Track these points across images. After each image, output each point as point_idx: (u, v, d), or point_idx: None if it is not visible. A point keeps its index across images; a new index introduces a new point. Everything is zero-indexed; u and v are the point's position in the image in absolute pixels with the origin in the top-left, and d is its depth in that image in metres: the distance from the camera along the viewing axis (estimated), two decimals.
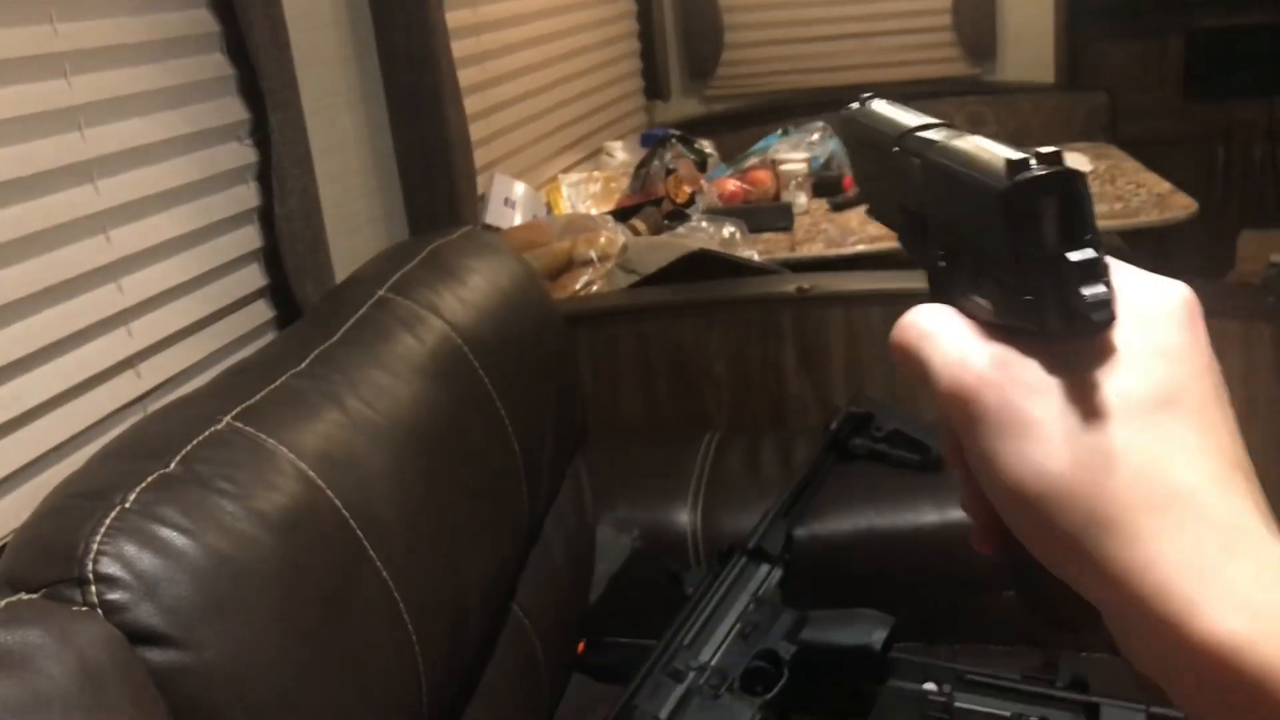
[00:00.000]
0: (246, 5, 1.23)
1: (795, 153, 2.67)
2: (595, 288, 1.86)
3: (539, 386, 1.38)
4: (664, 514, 1.50)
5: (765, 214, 2.43)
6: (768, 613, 1.28)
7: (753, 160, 2.70)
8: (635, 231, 2.14)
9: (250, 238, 1.34)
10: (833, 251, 2.24)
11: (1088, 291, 0.33)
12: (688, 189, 2.42)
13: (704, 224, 2.12)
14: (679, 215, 2.31)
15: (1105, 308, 0.33)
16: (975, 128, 2.40)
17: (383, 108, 1.63)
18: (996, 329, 0.36)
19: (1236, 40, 3.31)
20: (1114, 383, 0.33)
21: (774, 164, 2.61)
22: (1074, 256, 0.33)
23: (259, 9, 1.24)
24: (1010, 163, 0.34)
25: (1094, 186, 2.47)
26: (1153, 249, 3.00)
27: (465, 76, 1.77)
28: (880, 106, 0.47)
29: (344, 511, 0.93)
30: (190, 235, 1.23)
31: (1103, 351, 0.34)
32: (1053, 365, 0.34)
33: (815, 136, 2.79)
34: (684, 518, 1.48)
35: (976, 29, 3.26)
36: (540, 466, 1.33)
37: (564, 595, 1.41)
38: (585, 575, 1.48)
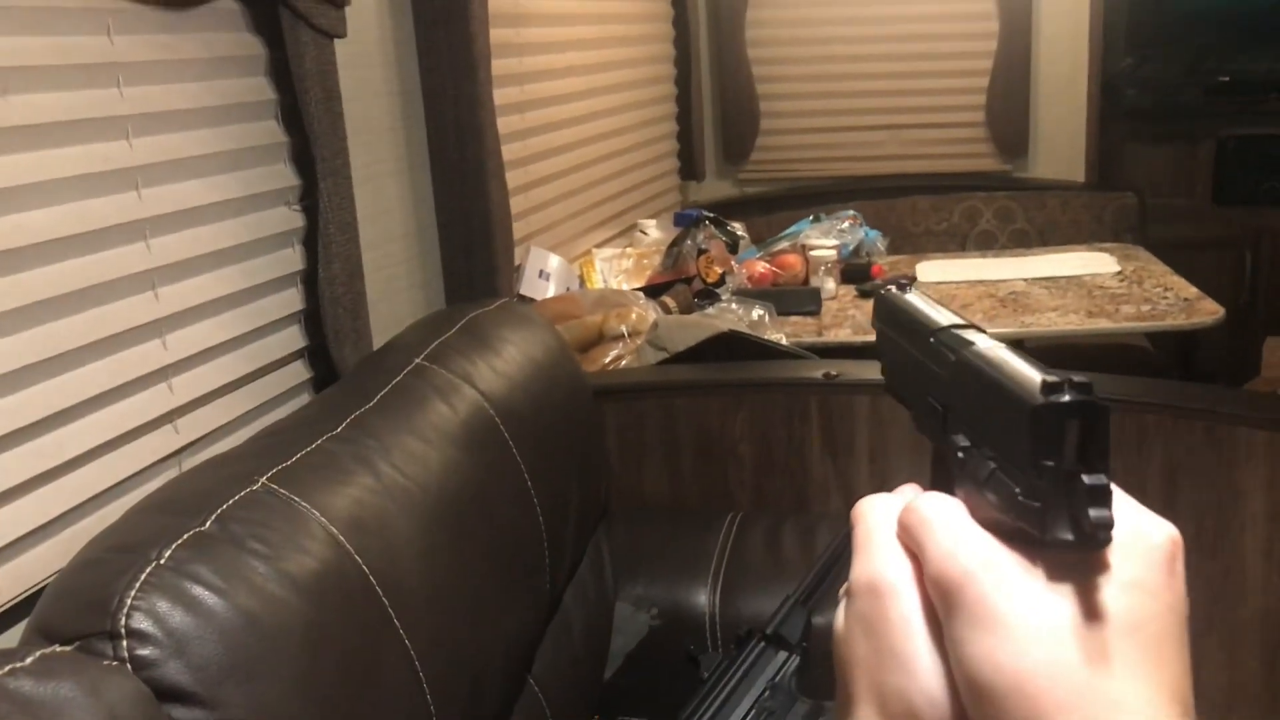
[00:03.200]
0: (303, 75, 1.27)
1: (826, 239, 2.70)
2: (624, 362, 1.88)
3: (566, 458, 1.39)
4: (683, 593, 1.50)
5: (794, 297, 2.45)
6: (783, 701, 1.27)
7: (783, 244, 2.73)
8: (666, 309, 2.16)
9: (293, 300, 1.36)
10: (860, 338, 2.26)
11: (1094, 513, 0.35)
12: (718, 269, 2.45)
13: (734, 305, 2.15)
14: (709, 295, 2.34)
15: (1107, 530, 0.36)
16: (1004, 223, 2.43)
17: (428, 178, 1.67)
18: (990, 525, 0.39)
19: (1267, 147, 3.35)
20: (1087, 601, 0.36)
21: (804, 249, 2.64)
22: (1088, 479, 0.36)
23: (315, 79, 1.28)
24: (1046, 383, 0.37)
25: (1120, 288, 2.48)
26: (1177, 352, 3.00)
27: (508, 151, 1.81)
28: (916, 298, 0.50)
29: (370, 577, 0.94)
30: (235, 295, 1.26)
31: (1086, 570, 0.37)
32: (1035, 572, 0.37)
33: (845, 224, 2.82)
34: (703, 598, 1.48)
35: (1009, 125, 3.31)
36: (563, 538, 1.34)
37: (580, 670, 1.40)
38: (602, 651, 1.47)
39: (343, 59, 1.35)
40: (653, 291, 2.28)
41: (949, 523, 0.40)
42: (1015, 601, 0.36)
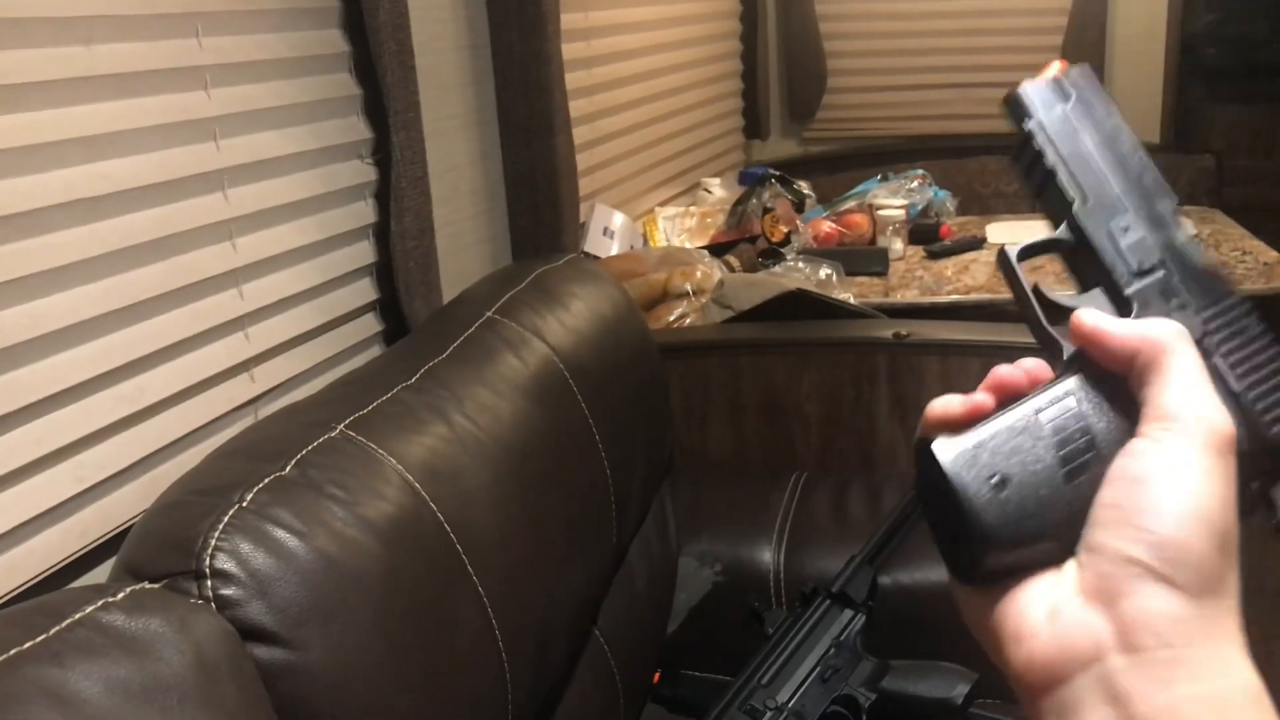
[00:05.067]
0: (377, 28, 1.27)
1: (893, 198, 2.67)
2: (689, 320, 1.87)
3: (632, 414, 1.40)
4: (747, 550, 1.50)
5: (860, 257, 2.42)
6: (848, 658, 1.27)
7: (850, 204, 2.70)
8: (730, 268, 2.15)
9: (365, 253, 1.38)
10: (927, 299, 2.23)
11: None
12: (784, 228, 2.43)
13: (800, 264, 2.13)
14: (773, 254, 2.32)
15: None
16: None
17: (496, 133, 1.67)
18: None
19: None
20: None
21: (871, 208, 2.61)
22: None
23: (389, 32, 1.28)
24: None
25: None
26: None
27: (575, 108, 1.81)
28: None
29: (445, 524, 0.96)
30: (309, 247, 1.27)
31: None
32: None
33: (914, 184, 2.78)
34: (767, 556, 1.48)
35: None
36: (629, 493, 1.35)
37: (644, 624, 1.41)
38: (665, 605, 1.48)
39: (415, 12, 1.35)
40: (717, 250, 2.27)
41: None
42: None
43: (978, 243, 2.54)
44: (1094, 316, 0.43)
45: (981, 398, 0.43)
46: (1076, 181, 0.48)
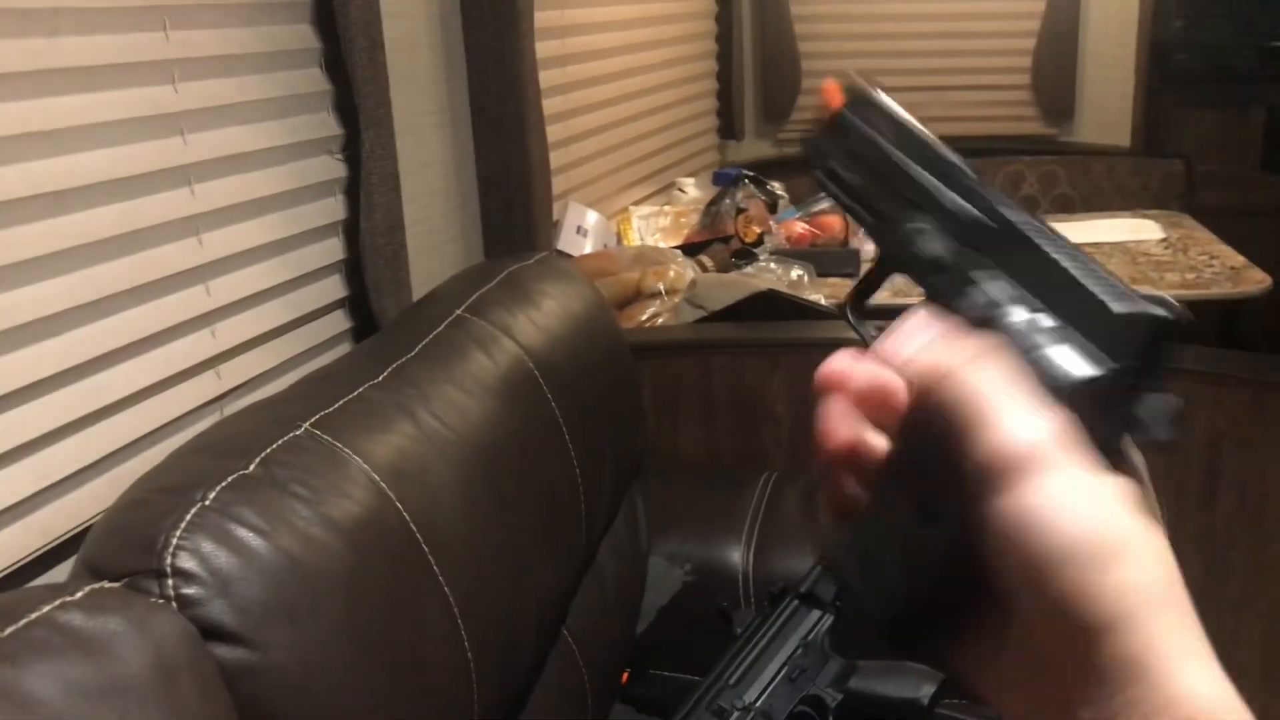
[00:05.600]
0: (348, 23, 1.26)
1: None
2: (661, 320, 1.87)
3: (603, 413, 1.39)
4: (717, 550, 1.50)
5: (832, 259, 2.43)
6: (816, 658, 1.27)
7: (822, 205, 2.70)
8: (703, 268, 2.15)
9: (334, 249, 1.37)
10: (898, 300, 2.23)
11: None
12: (757, 229, 2.43)
13: (773, 265, 2.13)
14: (747, 255, 2.32)
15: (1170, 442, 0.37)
16: (1048, 188, 2.40)
17: (468, 131, 1.66)
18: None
19: None
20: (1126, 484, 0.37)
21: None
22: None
23: (360, 28, 1.28)
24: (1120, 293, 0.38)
25: (1165, 255, 2.45)
26: (1220, 322, 2.96)
27: (549, 105, 1.80)
28: (903, 111, 0.49)
29: (411, 524, 0.95)
30: (277, 244, 1.26)
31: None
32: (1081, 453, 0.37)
33: None
34: (736, 556, 1.49)
35: (1055, 89, 3.25)
36: (599, 493, 1.34)
37: (613, 623, 1.41)
38: (635, 605, 1.48)
39: (387, 8, 1.35)
40: (690, 250, 2.27)
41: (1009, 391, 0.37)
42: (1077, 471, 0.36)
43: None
44: (840, 362, 0.41)
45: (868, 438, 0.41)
46: (865, 206, 0.48)
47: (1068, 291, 0.39)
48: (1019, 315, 0.40)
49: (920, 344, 0.40)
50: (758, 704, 1.22)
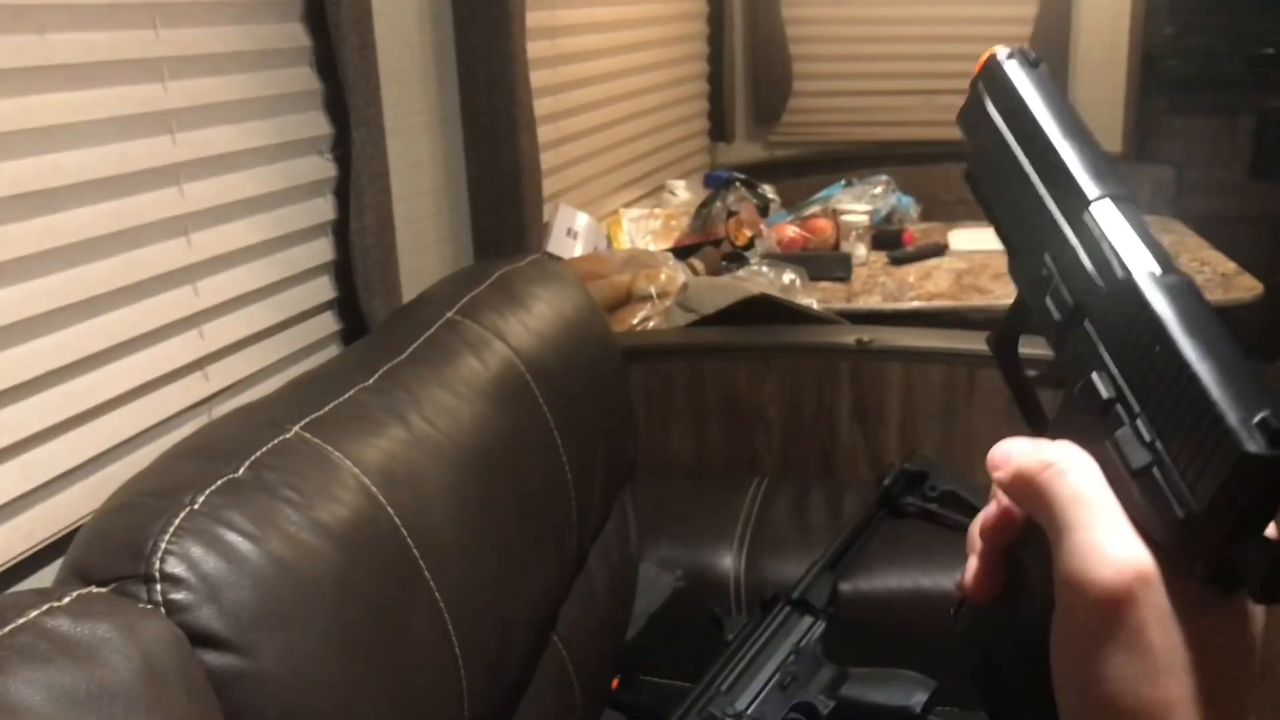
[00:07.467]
0: (339, 22, 1.25)
1: (857, 204, 2.67)
2: (652, 324, 1.87)
3: (594, 417, 1.39)
4: (708, 556, 1.49)
5: (824, 263, 2.42)
6: (808, 665, 1.27)
7: (814, 208, 2.71)
8: (693, 271, 2.14)
9: (323, 250, 1.35)
10: (890, 305, 2.24)
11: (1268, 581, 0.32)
12: (748, 232, 2.43)
13: (764, 268, 2.13)
14: (737, 258, 2.32)
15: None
16: None
17: (459, 131, 1.65)
18: (1131, 517, 0.35)
19: None
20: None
21: (835, 214, 2.61)
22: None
23: (350, 27, 1.27)
24: (1270, 427, 0.31)
25: None
26: None
27: (539, 106, 1.79)
28: (1058, 103, 0.42)
29: (401, 528, 0.94)
30: (267, 244, 1.25)
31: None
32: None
33: (878, 189, 2.79)
34: (728, 562, 1.48)
35: None
36: (590, 497, 1.33)
37: (603, 629, 1.40)
38: (625, 611, 1.47)
39: (378, 7, 1.33)
40: (680, 253, 2.26)
41: (1104, 507, 0.35)
42: (1169, 631, 0.34)
43: (941, 249, 2.56)
44: (1002, 451, 0.40)
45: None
46: (998, 227, 0.42)
47: (1197, 409, 0.33)
48: (1129, 430, 0.35)
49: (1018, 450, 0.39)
50: (749, 711, 1.22)
